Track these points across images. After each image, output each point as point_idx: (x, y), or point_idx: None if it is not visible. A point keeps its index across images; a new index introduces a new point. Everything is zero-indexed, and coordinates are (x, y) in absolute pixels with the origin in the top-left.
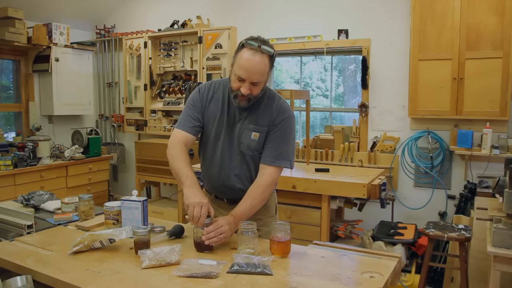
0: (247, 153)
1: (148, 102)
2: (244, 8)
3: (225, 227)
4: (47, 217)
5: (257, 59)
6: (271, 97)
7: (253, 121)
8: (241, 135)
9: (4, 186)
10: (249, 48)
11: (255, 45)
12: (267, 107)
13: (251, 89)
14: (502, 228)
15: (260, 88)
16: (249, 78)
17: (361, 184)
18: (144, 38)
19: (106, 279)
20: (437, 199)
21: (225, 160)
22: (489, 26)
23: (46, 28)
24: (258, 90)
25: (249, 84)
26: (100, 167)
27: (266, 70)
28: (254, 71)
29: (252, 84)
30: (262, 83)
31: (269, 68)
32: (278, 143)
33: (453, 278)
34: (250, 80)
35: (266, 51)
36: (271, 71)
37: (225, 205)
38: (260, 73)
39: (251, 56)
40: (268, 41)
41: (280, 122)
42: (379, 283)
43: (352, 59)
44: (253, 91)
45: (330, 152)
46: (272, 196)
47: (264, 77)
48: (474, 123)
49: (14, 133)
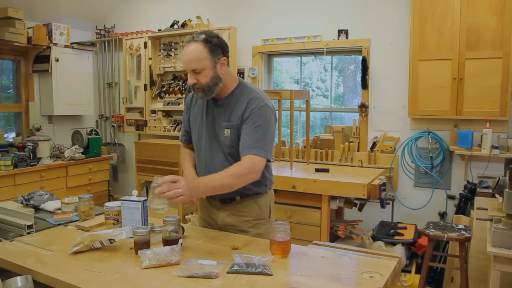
0: (225, 150)
1: (148, 102)
2: (244, 8)
3: (181, 183)
4: (47, 217)
5: (189, 48)
6: (244, 92)
7: (226, 118)
8: (218, 133)
9: (4, 186)
10: (186, 44)
11: (190, 37)
12: (238, 102)
13: (196, 78)
14: (502, 228)
15: (207, 76)
16: (188, 67)
17: (361, 184)
18: (144, 38)
19: (106, 279)
20: (437, 199)
21: (208, 159)
22: (489, 26)
23: (46, 28)
24: (204, 78)
25: (191, 73)
26: (100, 167)
27: (200, 55)
28: (188, 59)
29: (194, 73)
30: (204, 69)
31: (208, 53)
32: (250, 133)
33: (453, 278)
34: (190, 69)
35: (198, 38)
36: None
37: (217, 203)
38: (193, 60)
39: (185, 48)
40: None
41: (251, 113)
42: (379, 283)
43: (352, 59)
44: (199, 80)
45: (330, 152)
46: (266, 197)
47: (202, 63)
48: (474, 123)
49: (14, 133)
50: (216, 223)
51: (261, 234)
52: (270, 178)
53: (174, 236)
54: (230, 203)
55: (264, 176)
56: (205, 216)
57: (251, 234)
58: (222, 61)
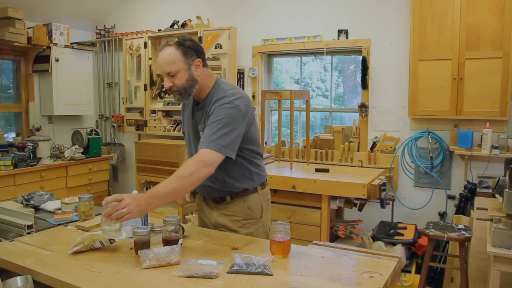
0: None
1: (148, 102)
2: (244, 8)
3: (127, 201)
4: (47, 217)
5: (163, 52)
6: (216, 92)
7: (202, 120)
8: (199, 135)
9: (4, 186)
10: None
11: (164, 43)
12: (210, 103)
13: (172, 81)
14: (502, 228)
15: (182, 79)
16: (162, 71)
17: (361, 184)
18: (144, 38)
19: (106, 279)
20: (437, 199)
21: None
22: (489, 26)
23: (46, 28)
24: (180, 80)
25: (167, 77)
26: (100, 167)
27: (173, 58)
28: (162, 63)
29: (169, 76)
30: (179, 72)
31: (181, 56)
32: (207, 129)
33: (453, 278)
34: (165, 72)
35: (171, 42)
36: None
37: (211, 203)
38: (167, 63)
39: (160, 52)
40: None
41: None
42: (379, 283)
43: (352, 59)
44: (174, 83)
45: (330, 152)
46: (256, 197)
47: (175, 65)
48: (474, 123)
49: (14, 133)
50: (210, 222)
51: (252, 233)
52: (259, 173)
53: (174, 236)
54: (221, 203)
55: (249, 170)
56: (201, 215)
57: (241, 233)
58: (197, 63)
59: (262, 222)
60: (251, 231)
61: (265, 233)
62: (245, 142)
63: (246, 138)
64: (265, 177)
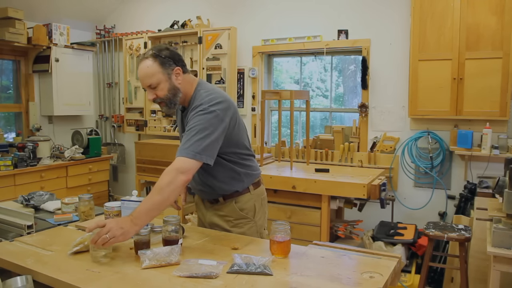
0: None
1: (148, 103)
2: (244, 8)
3: (109, 225)
4: (47, 217)
5: (140, 66)
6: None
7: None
8: None
9: (4, 187)
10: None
11: (141, 56)
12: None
13: (155, 93)
14: (502, 228)
15: (164, 89)
16: (143, 84)
17: (361, 184)
18: (144, 38)
19: (106, 279)
20: (437, 199)
21: None
22: (489, 26)
23: (46, 28)
24: (162, 92)
25: (149, 90)
26: (100, 168)
27: (152, 70)
28: (142, 77)
29: (151, 88)
30: (159, 83)
31: (159, 67)
32: (184, 136)
33: (453, 278)
34: (146, 85)
35: (147, 55)
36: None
37: (207, 203)
38: (146, 76)
39: (138, 67)
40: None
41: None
42: (379, 283)
43: (352, 60)
44: (158, 94)
45: (330, 152)
46: (247, 198)
47: (155, 77)
48: (474, 123)
49: (14, 133)
50: (205, 221)
51: (244, 233)
52: (249, 173)
53: (174, 236)
54: (215, 204)
55: (237, 172)
56: (199, 214)
57: (234, 233)
58: (176, 71)
59: (255, 222)
60: (244, 231)
61: (257, 232)
62: (229, 146)
63: (230, 141)
64: (257, 176)
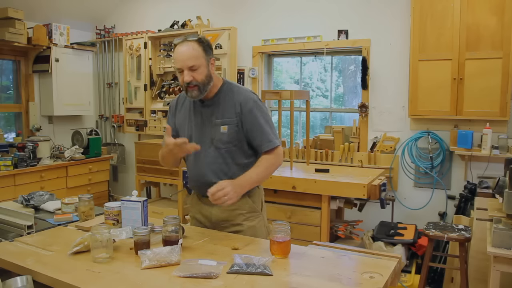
0: (221, 147)
1: (148, 103)
2: (244, 8)
3: (228, 188)
4: (47, 217)
5: (184, 47)
6: (230, 89)
7: (219, 115)
8: (212, 132)
9: (4, 187)
10: (178, 44)
11: (181, 39)
12: (227, 99)
13: (192, 75)
14: (502, 228)
15: (203, 74)
16: (184, 65)
17: (361, 185)
18: (144, 38)
19: (106, 279)
20: (437, 200)
21: (199, 158)
22: (489, 26)
23: (46, 28)
24: (200, 76)
25: (188, 71)
26: (100, 168)
27: (196, 53)
28: (185, 57)
29: (190, 70)
30: (200, 67)
31: (202, 52)
32: (259, 129)
33: (453, 279)
34: (186, 66)
35: (192, 38)
36: (209, 56)
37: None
38: (190, 57)
39: (180, 46)
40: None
41: (250, 112)
42: (379, 284)
43: (352, 60)
44: (195, 77)
45: (330, 152)
46: (257, 191)
47: (198, 60)
48: (474, 123)
49: (14, 133)
50: (209, 220)
51: (254, 227)
52: None
53: (174, 236)
54: None
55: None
56: (197, 215)
57: (245, 227)
58: (212, 61)
59: (262, 216)
60: (254, 224)
61: (265, 226)
62: None
63: None
64: None
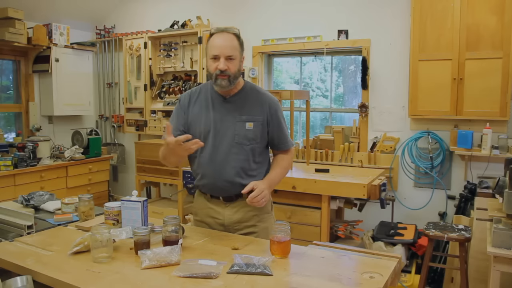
0: (245, 143)
1: (148, 103)
2: (244, 8)
3: (266, 191)
4: (47, 217)
5: (225, 36)
6: (254, 89)
7: (244, 112)
8: (234, 127)
9: (4, 187)
10: (217, 33)
11: (221, 28)
12: (252, 97)
13: (227, 65)
14: (502, 228)
15: (236, 66)
16: (222, 52)
17: (361, 185)
18: (144, 38)
19: (106, 279)
20: (437, 200)
21: (218, 154)
22: (489, 26)
23: (46, 28)
24: (234, 67)
25: (224, 59)
26: (100, 168)
27: (236, 45)
28: (225, 45)
29: (227, 59)
30: (236, 59)
31: (239, 46)
32: (281, 130)
33: (453, 279)
34: (224, 54)
35: (232, 31)
36: (242, 53)
37: (221, 203)
38: (231, 47)
39: (220, 35)
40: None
41: (275, 113)
42: (379, 284)
43: (352, 60)
44: (230, 67)
45: (330, 152)
46: None
47: (236, 51)
48: (474, 124)
49: (14, 133)
50: (221, 223)
51: (267, 228)
52: None
53: (174, 236)
54: (236, 200)
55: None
56: (207, 219)
57: (259, 228)
58: (243, 59)
59: (273, 216)
60: (267, 225)
61: None
62: None
63: None
64: None
